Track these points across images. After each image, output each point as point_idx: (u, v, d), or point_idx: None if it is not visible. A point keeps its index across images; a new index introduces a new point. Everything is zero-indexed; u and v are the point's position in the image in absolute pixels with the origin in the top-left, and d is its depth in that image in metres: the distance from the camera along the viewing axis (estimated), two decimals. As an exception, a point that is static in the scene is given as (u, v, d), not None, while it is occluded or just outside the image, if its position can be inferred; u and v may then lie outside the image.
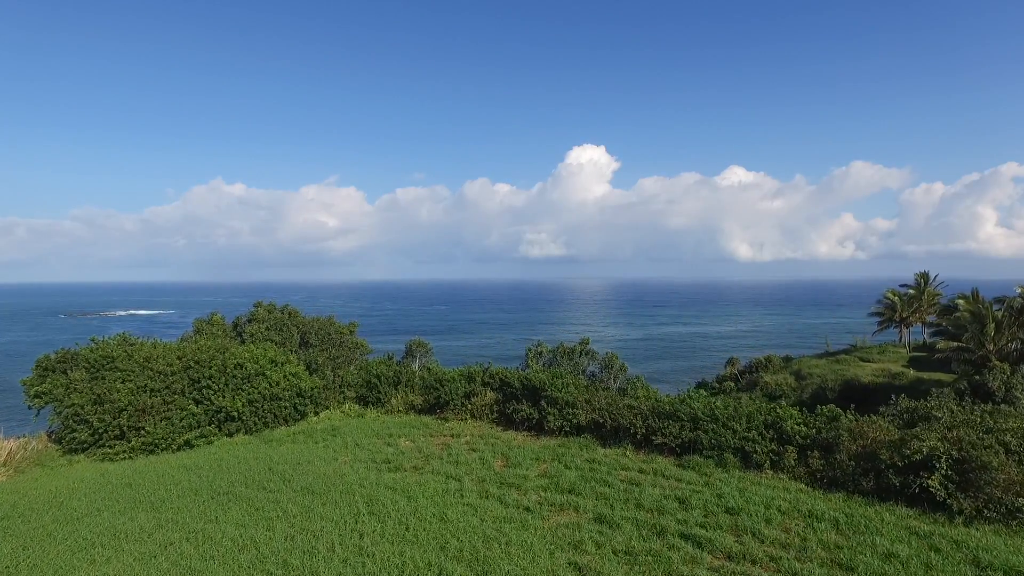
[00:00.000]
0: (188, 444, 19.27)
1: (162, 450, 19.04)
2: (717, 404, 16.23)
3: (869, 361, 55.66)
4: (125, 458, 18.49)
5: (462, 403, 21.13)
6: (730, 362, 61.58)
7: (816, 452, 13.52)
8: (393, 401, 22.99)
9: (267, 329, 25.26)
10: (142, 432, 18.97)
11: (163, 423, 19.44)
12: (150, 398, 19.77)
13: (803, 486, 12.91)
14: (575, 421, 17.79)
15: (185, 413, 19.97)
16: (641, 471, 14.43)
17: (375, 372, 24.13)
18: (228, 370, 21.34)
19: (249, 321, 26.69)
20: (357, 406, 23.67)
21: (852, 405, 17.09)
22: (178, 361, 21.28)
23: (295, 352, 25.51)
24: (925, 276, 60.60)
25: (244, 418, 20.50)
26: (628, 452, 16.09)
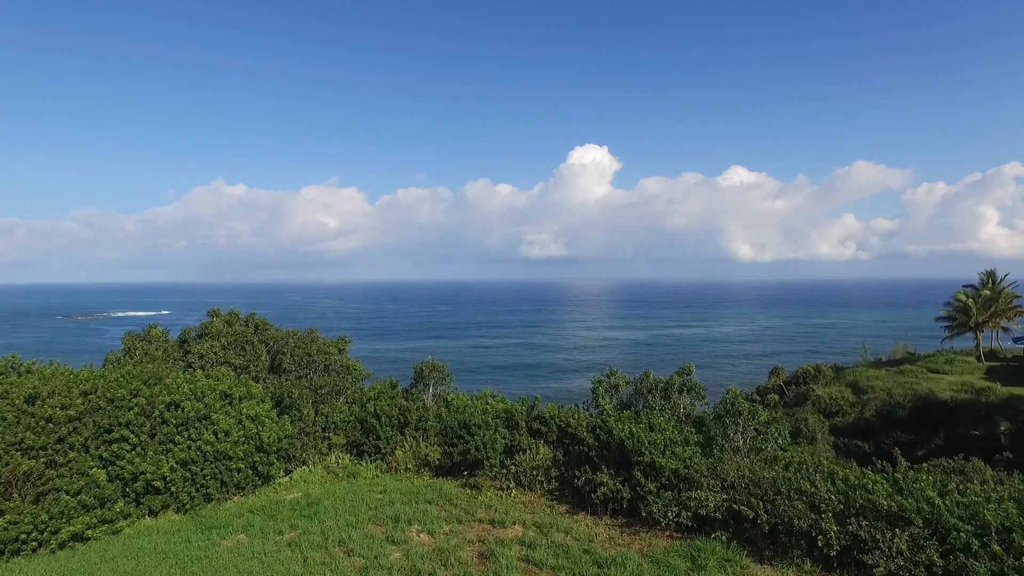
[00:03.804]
0: (80, 537, 12.36)
1: (36, 548, 12.14)
2: (980, 491, 9.37)
3: (939, 372, 48.81)
4: (-31, 566, 11.61)
5: (501, 462, 14.26)
6: (774, 371, 54.73)
7: None
8: (399, 453, 16.10)
9: (224, 348, 18.27)
10: (2, 520, 12.07)
11: (44, 502, 12.55)
12: (26, 461, 12.87)
13: None
14: (698, 509, 10.91)
15: (84, 483, 13.08)
16: (884, 647, 7.59)
17: (373, 409, 17.26)
18: (156, 413, 14.46)
19: (199, 336, 19.66)
20: (348, 458, 16.79)
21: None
22: (82, 400, 14.40)
23: (263, 380, 18.68)
24: (992, 275, 53.85)
25: (175, 487, 13.62)
26: (815, 580, 9.22)
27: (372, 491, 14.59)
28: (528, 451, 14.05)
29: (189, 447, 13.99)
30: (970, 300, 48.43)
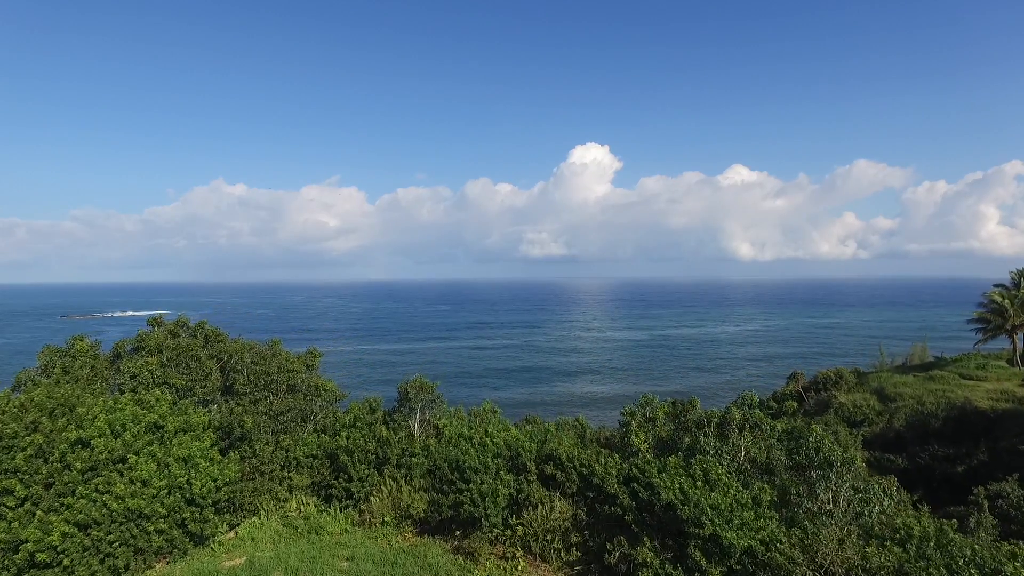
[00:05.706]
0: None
1: None
2: None
3: (972, 378, 45.47)
4: None
5: (505, 520, 10.92)
6: (793, 377, 51.33)
7: None
8: (375, 501, 12.75)
9: (163, 365, 14.86)
10: None
11: None
12: None
13: None
14: (790, 613, 7.58)
15: (-55, 554, 9.75)
16: None
17: (345, 442, 13.91)
18: (56, 455, 11.12)
19: (135, 350, 16.17)
20: (314, 502, 13.44)
21: None
22: (-41, 439, 11.04)
23: (211, 404, 15.33)
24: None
25: (69, 559, 10.26)
26: None
27: (337, 556, 11.27)
28: (540, 507, 10.70)
29: (94, 501, 10.64)
30: (1006, 301, 45.05)
